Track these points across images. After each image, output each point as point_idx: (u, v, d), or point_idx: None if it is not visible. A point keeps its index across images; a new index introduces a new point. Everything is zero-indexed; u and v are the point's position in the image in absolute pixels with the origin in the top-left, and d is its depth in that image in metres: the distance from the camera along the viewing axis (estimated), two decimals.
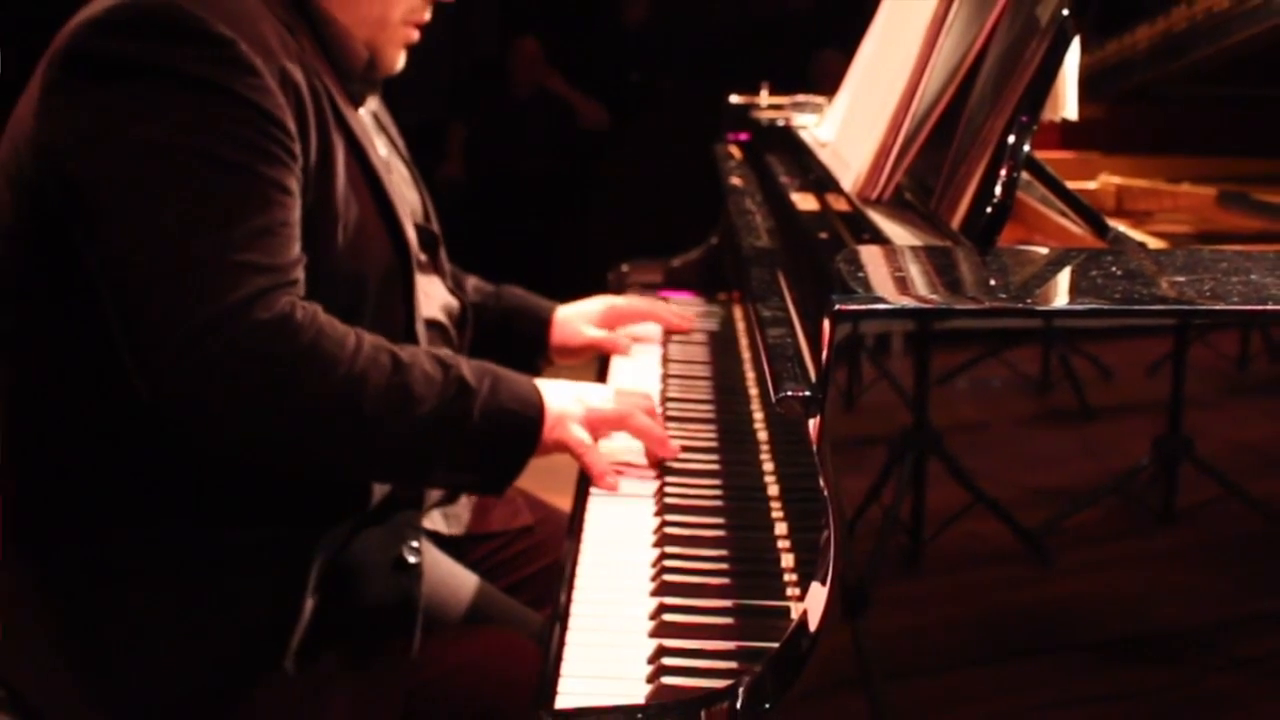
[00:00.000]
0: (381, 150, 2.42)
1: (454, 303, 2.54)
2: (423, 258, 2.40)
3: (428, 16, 2.36)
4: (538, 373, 2.85)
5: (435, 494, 2.42)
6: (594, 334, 2.93)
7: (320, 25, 2.23)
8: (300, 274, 2.01)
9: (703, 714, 1.49)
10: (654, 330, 3.00)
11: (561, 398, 2.16)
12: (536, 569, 2.58)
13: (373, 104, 2.47)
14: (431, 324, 2.39)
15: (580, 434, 2.16)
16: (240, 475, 2.10)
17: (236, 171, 1.96)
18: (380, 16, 2.27)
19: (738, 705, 1.47)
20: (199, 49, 1.98)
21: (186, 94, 1.97)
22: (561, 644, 1.72)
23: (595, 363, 2.97)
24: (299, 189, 2.04)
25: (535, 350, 2.92)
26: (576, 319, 2.93)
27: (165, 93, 1.97)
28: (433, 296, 2.44)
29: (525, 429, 2.10)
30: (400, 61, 2.36)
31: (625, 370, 2.83)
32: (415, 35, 2.35)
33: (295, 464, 2.07)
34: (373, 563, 2.17)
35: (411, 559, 2.18)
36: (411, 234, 2.29)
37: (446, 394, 2.03)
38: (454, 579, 2.29)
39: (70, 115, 1.99)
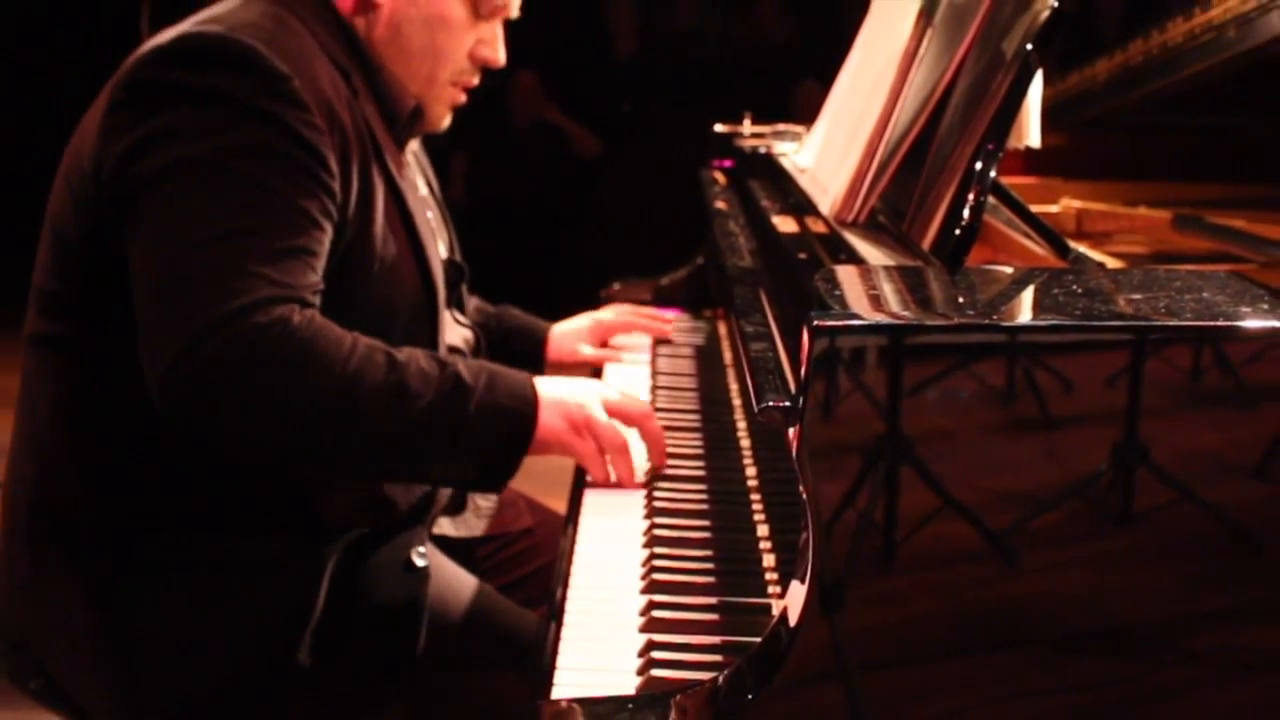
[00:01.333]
0: (421, 189, 2.44)
1: (470, 335, 2.54)
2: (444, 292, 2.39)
3: (476, 80, 2.38)
4: None
5: (442, 503, 2.41)
6: (588, 353, 2.97)
7: (373, 72, 2.25)
8: (313, 298, 1.99)
9: (689, 704, 1.48)
10: (644, 343, 3.01)
11: (559, 394, 2.13)
12: (537, 567, 2.58)
13: (413, 145, 2.47)
14: (453, 352, 2.38)
15: (585, 444, 2.14)
16: (261, 488, 2.10)
17: (269, 193, 1.96)
18: (430, 75, 2.30)
19: (722, 695, 1.47)
20: (255, 80, 1.99)
21: (236, 118, 1.99)
22: (557, 638, 1.72)
23: (589, 374, 2.98)
24: (333, 224, 2.04)
25: (532, 367, 2.93)
26: (571, 337, 2.95)
27: (216, 116, 1.99)
28: (453, 328, 2.44)
29: (520, 423, 2.06)
30: (446, 120, 2.39)
31: (617, 381, 2.83)
32: (462, 98, 2.37)
33: (297, 462, 2.05)
34: (383, 565, 2.16)
35: (419, 562, 2.17)
36: (440, 273, 2.29)
37: (443, 389, 2.00)
38: (457, 581, 2.28)
39: (126, 134, 2.00)
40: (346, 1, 2.24)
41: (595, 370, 2.94)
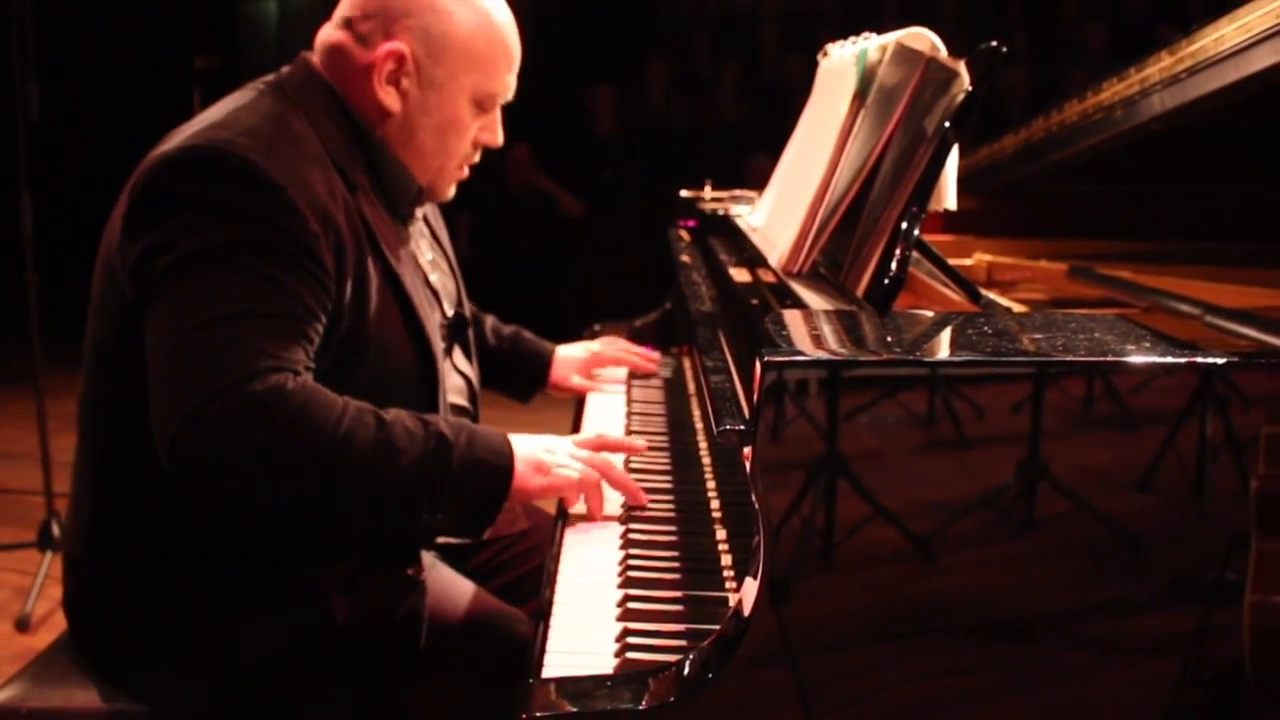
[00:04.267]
0: (427, 254, 2.37)
1: (464, 383, 2.45)
2: (443, 346, 2.32)
3: (478, 159, 2.32)
4: (527, 400, 2.96)
5: None
6: (578, 383, 2.97)
7: (380, 161, 2.18)
8: (305, 372, 1.93)
9: (659, 682, 1.48)
10: (621, 375, 3.02)
11: (531, 448, 2.05)
12: (534, 566, 2.51)
13: (421, 210, 2.40)
14: (453, 408, 2.33)
15: (564, 476, 2.06)
16: (270, 533, 2.03)
17: (268, 282, 1.90)
18: (440, 167, 2.24)
19: (687, 675, 1.47)
20: (253, 191, 1.93)
21: (235, 222, 1.92)
22: (547, 627, 1.71)
23: (574, 400, 2.99)
24: (327, 315, 1.98)
25: (538, 385, 2.98)
26: (567, 366, 2.96)
27: (219, 220, 1.92)
28: (451, 379, 2.37)
29: (498, 476, 1.99)
30: (451, 193, 2.33)
31: (598, 407, 2.83)
32: (466, 174, 2.32)
33: (293, 517, 1.95)
34: (382, 582, 2.09)
35: (417, 576, 2.13)
36: (438, 342, 2.21)
37: (427, 447, 1.93)
38: (453, 588, 2.22)
39: (141, 237, 1.94)
40: (362, 106, 2.17)
41: (580, 398, 2.94)
